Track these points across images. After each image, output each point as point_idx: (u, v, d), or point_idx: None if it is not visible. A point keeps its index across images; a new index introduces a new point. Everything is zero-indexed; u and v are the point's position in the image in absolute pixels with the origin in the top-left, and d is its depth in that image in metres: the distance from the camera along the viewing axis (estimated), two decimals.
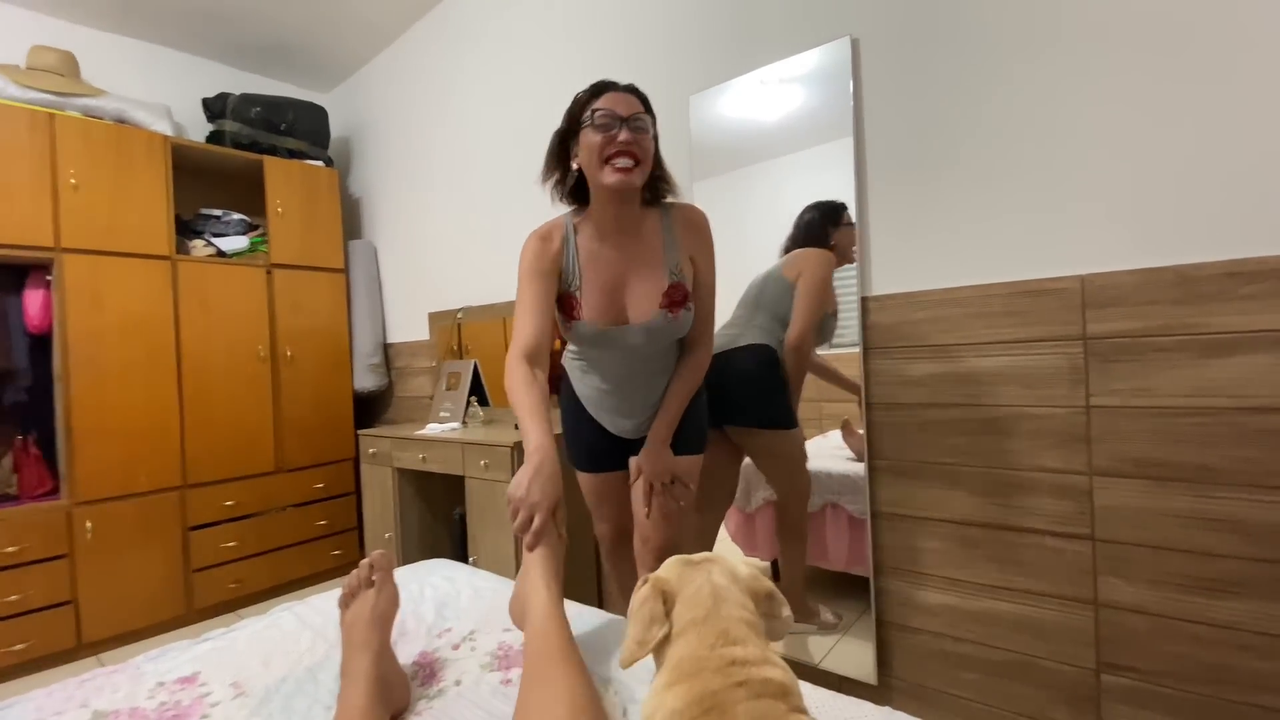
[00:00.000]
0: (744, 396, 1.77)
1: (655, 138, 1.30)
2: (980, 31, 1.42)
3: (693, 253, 1.36)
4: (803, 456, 1.74)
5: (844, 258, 1.65)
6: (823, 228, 1.68)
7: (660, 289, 1.32)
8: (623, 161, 1.22)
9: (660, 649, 0.71)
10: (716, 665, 0.64)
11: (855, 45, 1.60)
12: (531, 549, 1.00)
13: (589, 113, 1.24)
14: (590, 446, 1.52)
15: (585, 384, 1.48)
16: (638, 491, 1.42)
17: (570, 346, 1.49)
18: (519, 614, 0.99)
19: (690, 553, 0.83)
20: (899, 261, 1.57)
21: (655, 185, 1.36)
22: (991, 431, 1.43)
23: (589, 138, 1.24)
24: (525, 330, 1.29)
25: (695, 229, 1.37)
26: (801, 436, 1.75)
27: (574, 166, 1.31)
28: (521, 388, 1.22)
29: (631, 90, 1.29)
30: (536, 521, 1.00)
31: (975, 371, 1.46)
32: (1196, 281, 1.19)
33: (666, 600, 0.73)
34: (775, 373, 1.72)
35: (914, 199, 1.54)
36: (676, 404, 1.39)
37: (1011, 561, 1.42)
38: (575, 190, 1.35)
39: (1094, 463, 1.31)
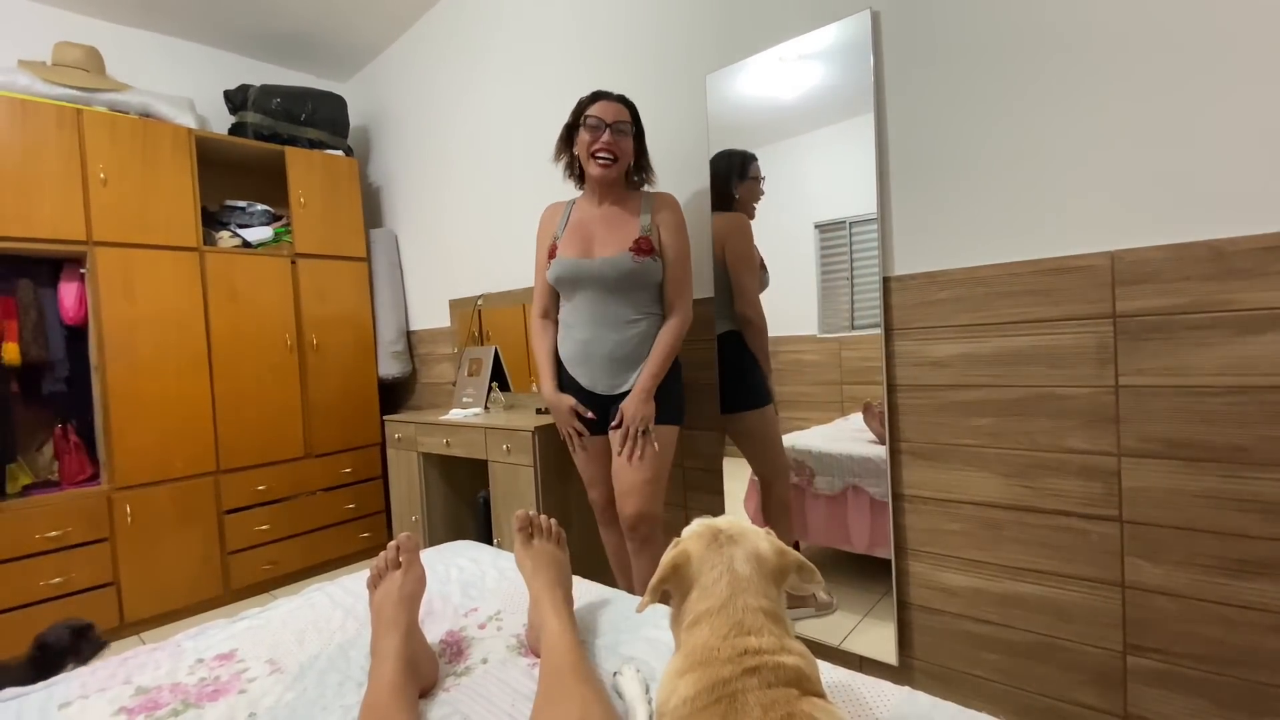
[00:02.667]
0: (727, 384, 1.91)
1: (640, 136, 1.73)
2: (1003, 4, 1.38)
3: (662, 224, 1.69)
4: (779, 433, 1.81)
5: (748, 211, 1.80)
6: (727, 183, 1.84)
7: (632, 236, 1.66)
8: (603, 157, 1.65)
9: (679, 631, 0.72)
10: (728, 655, 0.64)
11: (876, 18, 1.57)
12: (574, 430, 1.70)
13: (583, 116, 1.67)
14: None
15: (568, 340, 1.75)
16: (616, 437, 1.65)
17: (560, 307, 1.80)
18: (535, 640, 1.02)
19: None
20: (921, 241, 1.54)
21: (640, 170, 1.76)
22: (1016, 412, 1.41)
23: (581, 135, 1.68)
24: (540, 291, 1.82)
25: (668, 208, 1.71)
26: (775, 413, 1.81)
27: (575, 153, 1.74)
28: (536, 341, 1.82)
29: (621, 100, 1.69)
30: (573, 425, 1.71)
31: (1000, 352, 1.43)
32: (1231, 256, 1.16)
33: (680, 576, 0.74)
34: (747, 354, 1.84)
35: (936, 176, 1.51)
36: (659, 357, 1.64)
37: (1036, 543, 1.40)
38: (579, 170, 1.78)
39: (1122, 443, 1.29)
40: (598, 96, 1.68)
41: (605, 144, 1.63)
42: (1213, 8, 1.15)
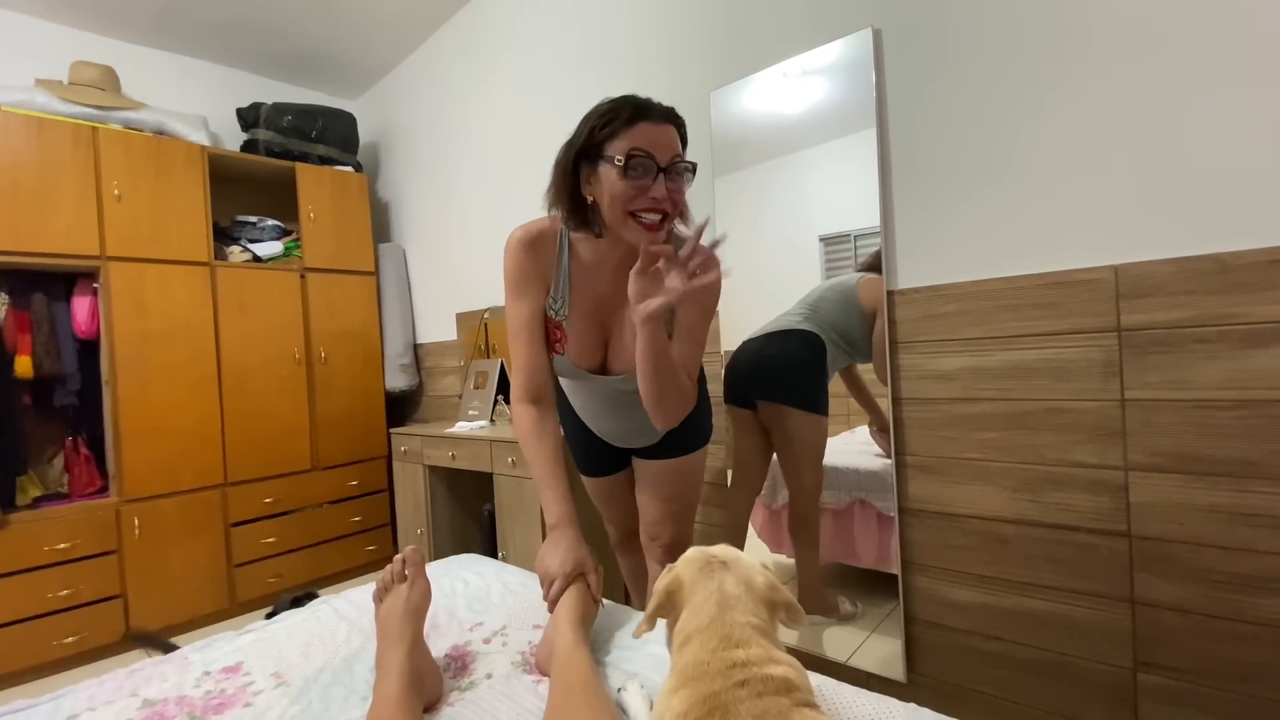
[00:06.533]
0: (786, 374, 1.81)
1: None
2: (1003, 20, 1.40)
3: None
4: (822, 450, 1.75)
5: None
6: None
7: None
8: (650, 218, 1.03)
9: (673, 653, 0.73)
10: (718, 669, 0.65)
11: (877, 36, 1.58)
12: (550, 610, 1.06)
13: (621, 154, 1.01)
14: (588, 451, 1.51)
15: (579, 402, 1.43)
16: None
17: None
18: (545, 660, 1.01)
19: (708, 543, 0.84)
20: (925, 254, 1.54)
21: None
22: (1022, 426, 1.41)
23: (614, 181, 1.02)
24: (521, 363, 1.20)
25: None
26: (826, 429, 1.75)
27: (588, 199, 1.09)
28: (532, 444, 1.18)
29: (670, 119, 1.07)
30: (555, 589, 1.05)
31: (1005, 365, 1.43)
32: (1236, 270, 1.16)
33: (673, 601, 0.76)
34: (820, 361, 1.74)
35: (939, 190, 1.52)
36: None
37: (1044, 559, 1.39)
38: (584, 213, 1.13)
39: (1129, 457, 1.28)
40: (639, 114, 1.03)
41: (657, 201, 1.02)
42: (1214, 24, 1.16)
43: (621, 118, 1.03)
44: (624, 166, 1.01)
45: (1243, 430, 1.16)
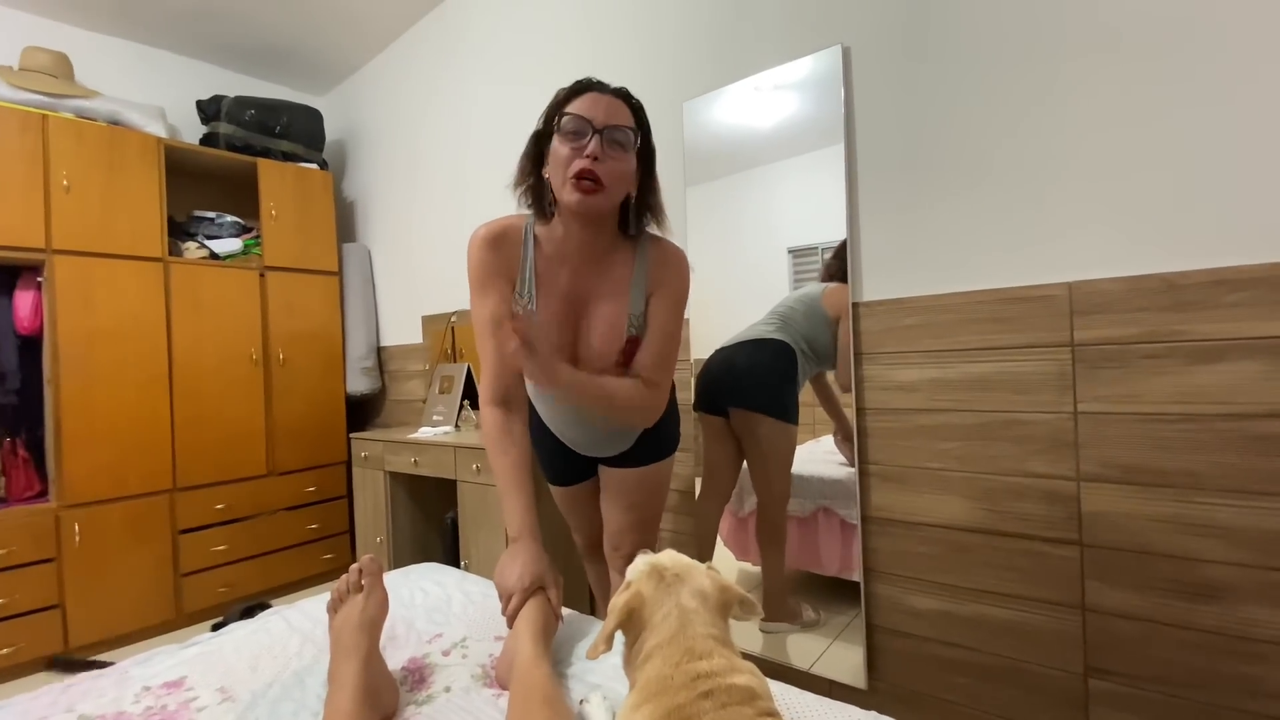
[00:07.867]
0: (757, 382, 1.82)
1: (649, 154, 1.16)
2: (969, 41, 1.44)
3: (655, 289, 1.19)
4: (791, 458, 1.76)
5: None
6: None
7: (618, 344, 1.18)
8: (586, 180, 1.05)
9: (633, 671, 0.72)
10: (682, 681, 0.65)
11: (847, 54, 1.62)
12: (509, 625, 1.04)
13: (559, 117, 1.08)
14: (554, 460, 1.48)
15: (545, 405, 1.39)
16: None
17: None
18: (505, 672, 0.98)
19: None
20: (889, 268, 1.57)
21: (639, 214, 1.19)
22: (981, 437, 1.44)
23: (557, 148, 1.08)
24: (490, 364, 1.18)
25: (668, 268, 1.20)
26: (796, 438, 1.76)
27: (545, 175, 1.13)
28: (496, 450, 1.17)
29: (620, 95, 1.11)
30: (513, 604, 1.04)
31: (965, 377, 1.46)
32: (1182, 289, 1.21)
33: (635, 619, 0.74)
34: (791, 370, 1.75)
35: (904, 205, 1.55)
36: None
37: (1001, 566, 1.42)
38: (551, 199, 1.15)
39: (1081, 468, 1.32)
40: (587, 86, 1.10)
41: (588, 162, 1.04)
42: (1169, 57, 1.21)
43: (569, 90, 1.12)
44: (561, 128, 1.07)
45: (1189, 443, 1.21)
